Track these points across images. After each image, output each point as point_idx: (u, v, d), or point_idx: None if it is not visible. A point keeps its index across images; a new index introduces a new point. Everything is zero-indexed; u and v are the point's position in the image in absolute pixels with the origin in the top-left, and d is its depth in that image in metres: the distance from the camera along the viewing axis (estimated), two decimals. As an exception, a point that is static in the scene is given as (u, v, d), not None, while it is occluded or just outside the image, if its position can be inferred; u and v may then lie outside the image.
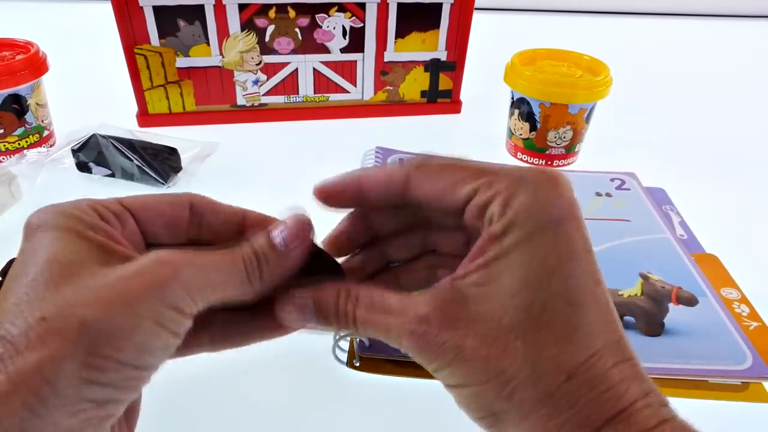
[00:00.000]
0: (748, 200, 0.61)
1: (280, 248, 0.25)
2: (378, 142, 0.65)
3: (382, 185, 0.26)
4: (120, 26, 0.64)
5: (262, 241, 0.25)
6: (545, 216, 0.23)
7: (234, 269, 0.24)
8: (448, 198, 0.25)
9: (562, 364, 0.21)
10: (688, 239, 0.53)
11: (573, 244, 0.23)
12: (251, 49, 0.68)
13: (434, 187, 0.25)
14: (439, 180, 0.25)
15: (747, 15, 1.24)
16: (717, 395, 0.39)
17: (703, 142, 0.73)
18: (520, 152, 0.66)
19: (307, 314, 0.25)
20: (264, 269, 0.24)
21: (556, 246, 0.22)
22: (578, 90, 0.60)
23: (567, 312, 0.22)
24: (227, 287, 0.23)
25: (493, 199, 0.23)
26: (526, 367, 0.22)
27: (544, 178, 0.23)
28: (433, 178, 0.25)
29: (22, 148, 0.62)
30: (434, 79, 0.74)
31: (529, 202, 0.23)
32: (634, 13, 1.24)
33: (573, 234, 0.23)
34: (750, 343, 0.41)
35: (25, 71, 0.59)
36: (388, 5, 0.68)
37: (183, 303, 0.21)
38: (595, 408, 0.21)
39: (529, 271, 0.22)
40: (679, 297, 0.45)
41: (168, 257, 0.22)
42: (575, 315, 0.22)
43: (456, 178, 0.24)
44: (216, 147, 0.64)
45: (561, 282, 0.22)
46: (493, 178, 0.24)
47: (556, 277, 0.22)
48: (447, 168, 0.25)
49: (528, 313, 0.22)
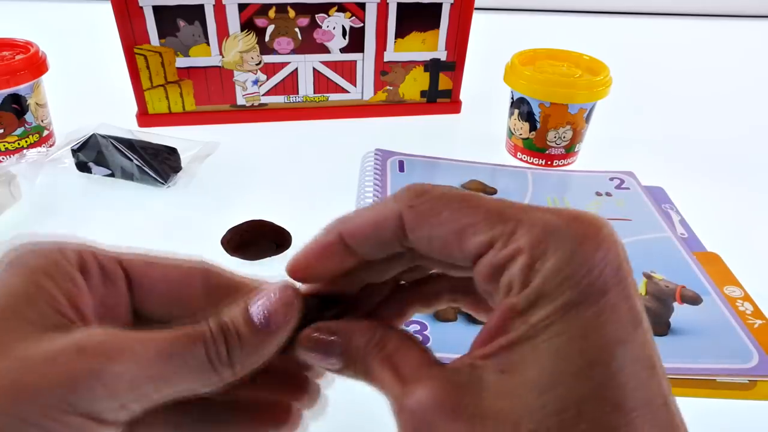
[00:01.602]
0: (748, 198, 0.62)
1: (260, 326, 0.20)
2: (378, 142, 0.65)
3: (370, 236, 0.20)
4: (120, 26, 0.64)
5: (237, 314, 0.20)
6: (584, 285, 0.17)
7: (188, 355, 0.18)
8: (452, 250, 0.19)
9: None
10: (689, 238, 0.53)
11: (620, 321, 0.17)
12: (251, 49, 0.68)
13: (434, 234, 0.19)
14: (440, 225, 0.19)
15: (747, 15, 1.24)
16: (724, 394, 0.39)
17: (702, 141, 0.73)
18: (520, 152, 0.66)
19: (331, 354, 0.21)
20: (236, 353, 0.19)
21: (599, 326, 0.17)
22: (578, 90, 0.60)
23: (611, 420, 0.16)
24: (180, 379, 0.18)
25: (514, 259, 0.18)
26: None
27: (582, 229, 0.18)
28: (433, 223, 0.19)
29: (21, 148, 0.62)
30: (434, 79, 0.74)
31: (562, 266, 0.17)
32: (634, 13, 1.24)
33: (620, 306, 0.17)
34: (755, 341, 0.41)
35: (25, 71, 0.59)
36: (388, 5, 0.68)
37: (101, 407, 0.17)
38: None
39: (562, 362, 0.16)
40: (683, 296, 0.45)
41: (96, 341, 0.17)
42: (623, 424, 0.16)
43: (462, 224, 0.18)
44: (216, 147, 0.64)
45: (604, 376, 0.16)
46: (513, 226, 0.18)
47: (598, 369, 0.16)
48: (449, 206, 0.19)
49: (559, 418, 0.16)
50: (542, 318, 0.17)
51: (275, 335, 0.20)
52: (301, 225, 0.50)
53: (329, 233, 0.21)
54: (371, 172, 0.60)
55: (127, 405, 0.17)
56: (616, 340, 0.17)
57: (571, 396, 0.16)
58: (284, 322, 0.20)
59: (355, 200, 0.56)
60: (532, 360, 0.17)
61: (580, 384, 0.16)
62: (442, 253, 0.19)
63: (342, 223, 0.21)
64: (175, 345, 0.18)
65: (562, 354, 0.16)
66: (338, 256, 0.21)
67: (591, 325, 0.17)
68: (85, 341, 0.17)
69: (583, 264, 0.17)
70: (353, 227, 0.21)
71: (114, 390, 0.17)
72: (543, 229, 0.18)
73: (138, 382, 0.17)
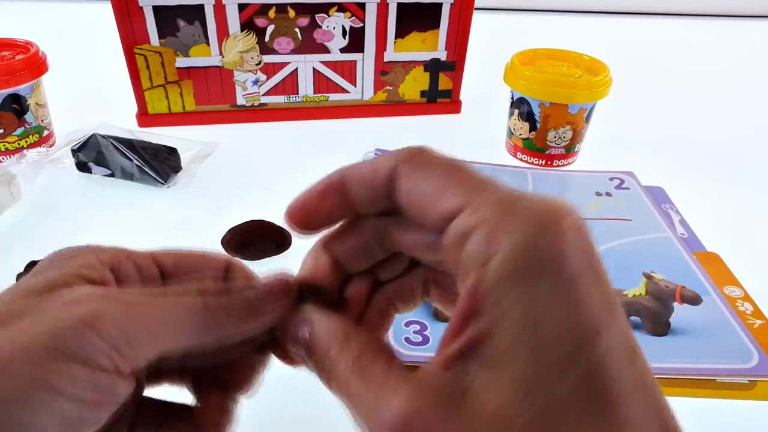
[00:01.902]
0: (748, 198, 0.62)
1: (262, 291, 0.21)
2: (377, 142, 0.65)
3: (367, 181, 0.20)
4: (120, 26, 0.64)
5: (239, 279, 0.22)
6: (554, 263, 0.16)
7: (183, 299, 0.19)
8: (428, 208, 0.19)
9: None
10: (689, 238, 0.53)
11: (596, 307, 0.16)
12: (251, 49, 0.68)
13: (416, 190, 0.19)
14: (424, 181, 0.19)
15: (747, 15, 1.24)
16: (724, 394, 0.39)
17: (702, 141, 0.73)
18: (520, 152, 0.66)
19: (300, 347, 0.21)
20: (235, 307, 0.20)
21: (576, 314, 0.16)
22: (578, 90, 0.60)
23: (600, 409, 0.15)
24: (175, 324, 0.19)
25: (477, 228, 0.17)
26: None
27: (550, 211, 0.17)
28: (418, 178, 0.19)
29: (21, 148, 0.62)
30: (434, 79, 0.74)
31: (529, 241, 0.16)
32: (634, 13, 1.24)
33: (593, 292, 0.16)
34: (755, 341, 0.41)
35: (25, 71, 0.59)
36: (388, 5, 0.68)
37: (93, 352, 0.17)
38: None
39: (543, 354, 0.16)
40: (683, 296, 0.45)
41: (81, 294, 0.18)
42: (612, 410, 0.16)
43: (442, 184, 0.18)
44: (216, 147, 0.64)
45: (588, 365, 0.16)
46: (486, 197, 0.17)
47: (580, 358, 0.16)
48: (438, 168, 0.19)
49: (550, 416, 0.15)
50: (514, 301, 0.16)
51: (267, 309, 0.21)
52: (301, 225, 0.50)
53: (333, 174, 0.22)
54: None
55: (121, 350, 0.17)
56: (594, 328, 0.16)
57: (559, 390, 0.15)
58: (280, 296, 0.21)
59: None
60: (510, 353, 0.16)
61: (565, 377, 0.15)
62: (419, 211, 0.19)
63: (346, 167, 0.22)
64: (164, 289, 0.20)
65: (541, 345, 0.16)
66: (336, 198, 0.21)
67: (567, 313, 0.16)
68: (71, 295, 0.18)
69: (549, 239, 0.16)
70: (354, 170, 0.21)
71: (101, 331, 0.17)
72: (508, 203, 0.17)
73: (128, 325, 0.17)
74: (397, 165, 0.20)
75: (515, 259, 0.16)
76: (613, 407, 0.15)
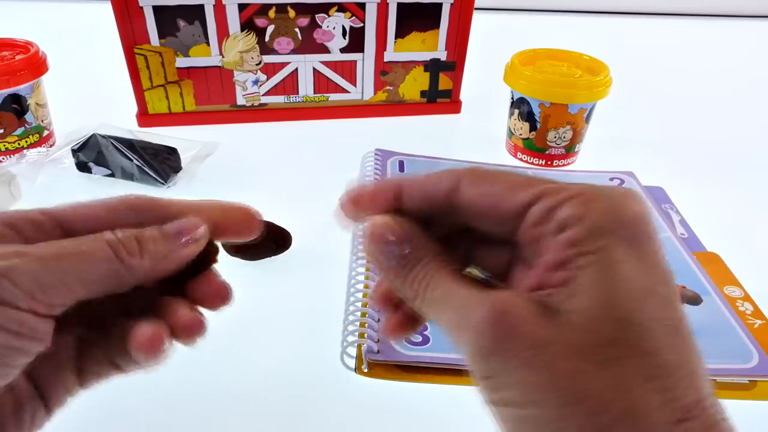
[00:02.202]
0: (748, 198, 0.62)
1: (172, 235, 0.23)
2: (378, 142, 0.65)
3: (425, 189, 0.23)
4: (120, 26, 0.64)
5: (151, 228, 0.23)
6: (631, 227, 0.20)
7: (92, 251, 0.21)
8: (504, 202, 0.21)
9: (671, 402, 0.17)
10: (689, 238, 0.53)
11: (662, 266, 0.20)
12: (251, 49, 0.68)
13: (487, 191, 0.22)
14: (494, 184, 0.22)
15: (747, 15, 1.24)
16: (724, 394, 0.39)
17: (702, 141, 0.73)
18: (520, 152, 0.66)
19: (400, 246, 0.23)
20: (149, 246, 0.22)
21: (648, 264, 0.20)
22: (578, 90, 0.60)
23: (675, 342, 0.19)
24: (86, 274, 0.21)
25: (565, 203, 0.20)
26: (626, 396, 0.17)
27: (622, 191, 0.21)
28: (487, 182, 0.22)
29: (21, 148, 0.62)
30: (434, 79, 0.74)
31: (612, 210, 0.20)
32: (634, 13, 1.24)
33: (660, 256, 0.20)
34: (755, 341, 0.41)
35: (25, 71, 0.59)
36: (388, 5, 0.68)
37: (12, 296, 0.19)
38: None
39: (625, 284, 0.19)
40: (683, 296, 0.45)
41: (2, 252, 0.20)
42: (683, 347, 0.19)
43: (514, 183, 0.22)
44: (216, 147, 0.64)
45: (661, 305, 0.19)
46: (561, 185, 0.21)
47: (653, 299, 0.19)
48: (503, 173, 0.22)
49: (631, 331, 0.18)
50: (599, 247, 0.19)
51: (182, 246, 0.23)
52: (301, 225, 0.50)
53: (390, 181, 0.24)
54: (371, 172, 0.60)
55: (35, 296, 0.20)
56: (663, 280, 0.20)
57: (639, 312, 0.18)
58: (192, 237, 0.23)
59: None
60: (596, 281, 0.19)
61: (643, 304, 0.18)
62: (492, 207, 0.22)
63: (402, 178, 0.24)
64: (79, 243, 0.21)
65: (621, 276, 0.19)
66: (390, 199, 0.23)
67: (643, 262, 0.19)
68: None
69: (627, 211, 0.20)
70: (412, 180, 0.24)
71: (16, 281, 0.20)
72: (587, 186, 0.21)
73: (43, 275, 0.20)
74: (461, 174, 0.23)
75: (601, 219, 0.19)
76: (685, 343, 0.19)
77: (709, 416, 0.18)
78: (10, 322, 0.20)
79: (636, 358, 0.18)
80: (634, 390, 0.17)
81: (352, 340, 0.41)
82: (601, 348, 0.18)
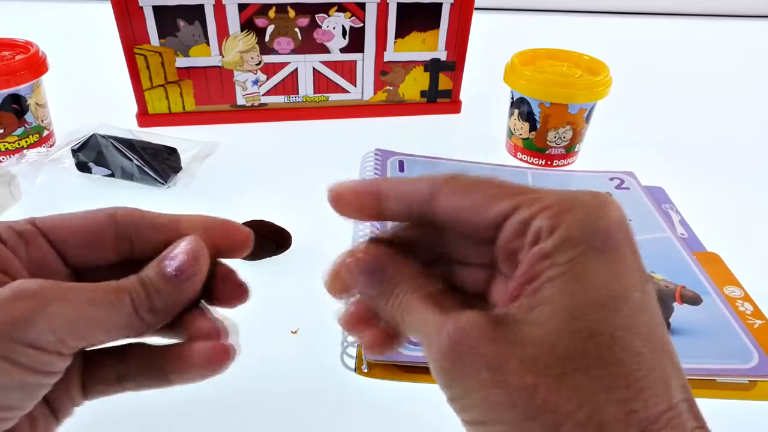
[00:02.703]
0: (748, 198, 0.62)
1: (173, 278, 0.23)
2: (378, 142, 0.65)
3: (404, 194, 0.23)
4: (120, 26, 0.64)
5: (152, 271, 0.23)
6: (604, 236, 0.19)
7: (117, 304, 0.22)
8: (481, 213, 0.21)
9: (633, 413, 0.17)
10: (689, 238, 0.53)
11: (637, 273, 0.19)
12: (251, 49, 0.68)
13: (465, 201, 0.22)
14: (472, 193, 0.22)
15: (747, 15, 1.24)
16: (724, 394, 0.39)
17: (702, 141, 0.73)
18: (520, 152, 0.66)
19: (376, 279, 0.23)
20: (156, 302, 0.23)
21: (620, 272, 0.19)
22: (578, 90, 0.60)
23: (641, 349, 0.18)
24: (111, 324, 0.22)
25: (540, 214, 0.20)
26: (585, 408, 0.17)
27: (595, 197, 0.20)
28: (465, 192, 0.22)
29: (21, 148, 0.62)
30: (434, 79, 0.74)
31: (585, 219, 0.20)
32: (634, 13, 1.24)
33: (636, 262, 0.20)
34: (755, 341, 0.41)
35: (25, 71, 0.59)
36: (388, 5, 0.68)
37: (43, 340, 0.20)
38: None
39: (594, 293, 0.18)
40: (683, 296, 0.45)
41: (32, 289, 0.21)
42: (650, 354, 0.18)
43: (492, 193, 0.21)
44: (216, 147, 0.64)
45: (632, 313, 0.18)
46: (537, 195, 0.21)
47: (625, 306, 0.18)
48: (481, 183, 0.22)
49: (593, 342, 0.18)
50: (570, 258, 0.19)
51: (186, 284, 0.23)
52: (301, 225, 0.50)
53: (369, 182, 0.24)
54: (371, 172, 0.60)
55: (66, 340, 0.21)
56: (635, 287, 0.19)
57: (604, 324, 0.18)
58: (193, 272, 0.23)
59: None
60: (562, 293, 0.19)
61: (610, 315, 0.18)
62: (470, 217, 0.22)
63: (383, 180, 0.24)
64: (107, 294, 0.22)
65: (591, 288, 0.18)
66: (370, 202, 0.24)
67: (614, 271, 0.19)
68: (25, 289, 0.21)
69: (600, 219, 0.20)
70: (392, 184, 0.23)
71: (55, 326, 0.20)
72: (562, 195, 0.21)
73: (74, 322, 0.21)
74: (439, 183, 0.22)
75: (573, 231, 0.19)
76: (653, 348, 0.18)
77: (677, 425, 0.18)
78: (42, 364, 0.21)
79: (598, 369, 0.18)
80: (594, 402, 0.17)
81: (352, 340, 0.41)
82: (560, 360, 0.18)
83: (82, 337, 0.21)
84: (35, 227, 0.24)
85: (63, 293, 0.21)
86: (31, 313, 0.20)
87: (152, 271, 0.23)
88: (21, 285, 0.21)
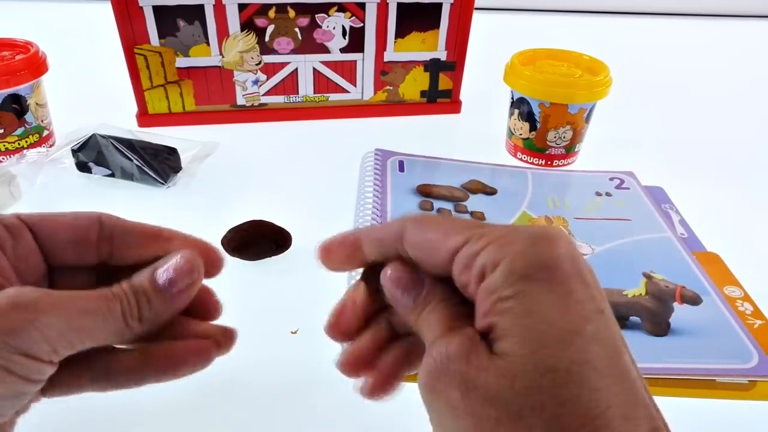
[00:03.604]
0: (748, 198, 0.62)
1: (165, 290, 0.23)
2: (378, 142, 0.65)
3: (377, 238, 0.25)
4: (120, 26, 0.64)
5: (145, 280, 0.23)
6: (550, 268, 0.20)
7: (107, 312, 0.22)
8: (437, 249, 0.22)
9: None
10: (688, 238, 0.53)
11: (588, 304, 0.19)
12: (251, 49, 0.68)
13: (425, 238, 0.23)
14: (431, 231, 0.23)
15: (747, 15, 1.24)
16: (724, 394, 0.39)
17: (702, 141, 0.73)
18: (520, 152, 0.66)
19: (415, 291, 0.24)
20: (145, 311, 0.23)
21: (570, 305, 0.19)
22: (578, 90, 0.60)
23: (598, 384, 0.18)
24: (100, 332, 0.22)
25: (485, 249, 0.21)
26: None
27: (540, 231, 0.21)
28: (426, 230, 0.23)
29: (21, 148, 0.62)
30: (434, 79, 0.74)
31: (528, 252, 0.20)
32: (634, 13, 1.24)
33: (586, 293, 0.20)
34: (755, 341, 0.41)
35: (25, 71, 0.59)
36: (388, 5, 0.68)
37: (38, 349, 0.21)
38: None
39: (546, 326, 0.19)
40: (683, 296, 0.45)
41: (27, 299, 0.21)
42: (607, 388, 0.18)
43: (448, 230, 0.22)
44: (216, 147, 0.64)
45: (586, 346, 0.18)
46: (484, 230, 0.21)
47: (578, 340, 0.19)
48: (441, 221, 0.23)
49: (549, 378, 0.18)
50: (516, 291, 0.19)
51: (177, 297, 0.24)
52: (301, 225, 0.50)
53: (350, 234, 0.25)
54: (371, 172, 0.60)
55: (57, 349, 0.21)
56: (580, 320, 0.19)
57: (559, 357, 0.18)
58: (185, 286, 0.24)
59: (355, 200, 0.56)
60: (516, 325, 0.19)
61: (565, 347, 0.18)
62: (429, 253, 0.23)
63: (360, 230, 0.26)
64: (98, 302, 0.22)
65: (541, 319, 0.19)
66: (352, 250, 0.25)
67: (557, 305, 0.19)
68: (21, 298, 0.21)
69: (544, 252, 0.20)
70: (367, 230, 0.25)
71: (48, 336, 0.21)
72: (508, 230, 0.21)
73: (66, 332, 0.21)
74: (404, 224, 0.24)
75: (516, 264, 0.20)
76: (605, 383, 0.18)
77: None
78: (34, 372, 0.21)
79: (554, 407, 0.18)
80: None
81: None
82: (519, 396, 0.18)
83: (72, 346, 0.22)
84: (22, 222, 0.24)
85: (57, 304, 0.21)
86: (28, 324, 0.20)
87: (144, 279, 0.23)
88: (18, 294, 0.21)
